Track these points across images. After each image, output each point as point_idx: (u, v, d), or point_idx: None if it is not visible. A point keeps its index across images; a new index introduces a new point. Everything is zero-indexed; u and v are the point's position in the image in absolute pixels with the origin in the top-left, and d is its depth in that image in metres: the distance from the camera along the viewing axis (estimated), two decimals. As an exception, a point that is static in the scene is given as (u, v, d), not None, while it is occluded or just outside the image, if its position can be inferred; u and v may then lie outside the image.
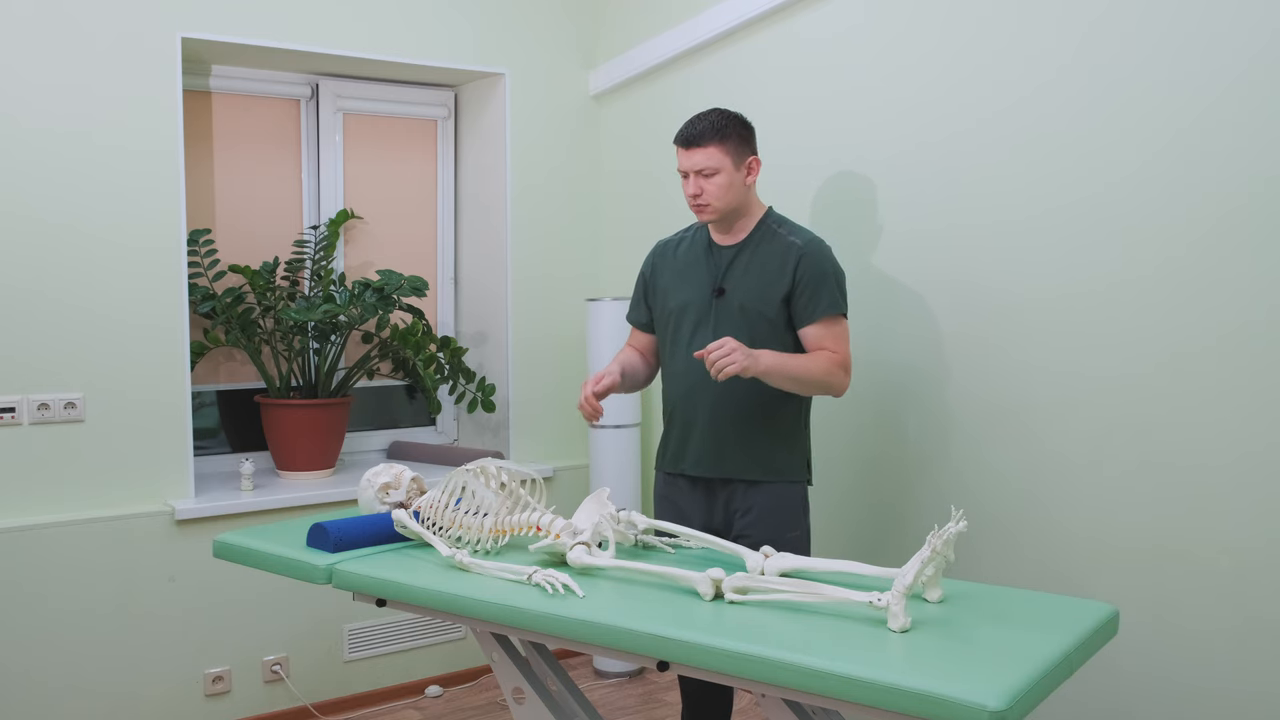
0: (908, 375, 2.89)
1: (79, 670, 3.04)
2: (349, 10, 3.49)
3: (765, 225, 2.57)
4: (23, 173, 2.97)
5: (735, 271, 2.55)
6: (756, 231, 2.57)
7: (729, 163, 2.49)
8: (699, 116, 2.53)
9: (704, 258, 2.61)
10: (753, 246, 2.55)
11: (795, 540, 2.52)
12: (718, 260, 2.58)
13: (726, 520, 2.56)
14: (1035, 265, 2.59)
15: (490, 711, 3.48)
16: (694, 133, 2.50)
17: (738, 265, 2.55)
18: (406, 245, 3.99)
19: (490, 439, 3.97)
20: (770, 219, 2.59)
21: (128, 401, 3.12)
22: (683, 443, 2.60)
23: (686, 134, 2.51)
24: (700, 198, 2.51)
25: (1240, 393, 2.24)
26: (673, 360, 2.63)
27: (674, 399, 2.63)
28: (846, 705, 1.64)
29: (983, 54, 2.69)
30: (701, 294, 2.57)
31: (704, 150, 2.48)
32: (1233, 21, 2.23)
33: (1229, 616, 2.27)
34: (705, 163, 2.48)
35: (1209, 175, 2.28)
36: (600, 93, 3.95)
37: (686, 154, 2.51)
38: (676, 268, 2.65)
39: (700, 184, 2.50)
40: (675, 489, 2.64)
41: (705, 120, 2.51)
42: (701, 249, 2.62)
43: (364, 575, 2.18)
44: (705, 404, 2.55)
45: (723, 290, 2.54)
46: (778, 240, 2.54)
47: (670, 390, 2.65)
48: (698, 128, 2.50)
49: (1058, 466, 2.56)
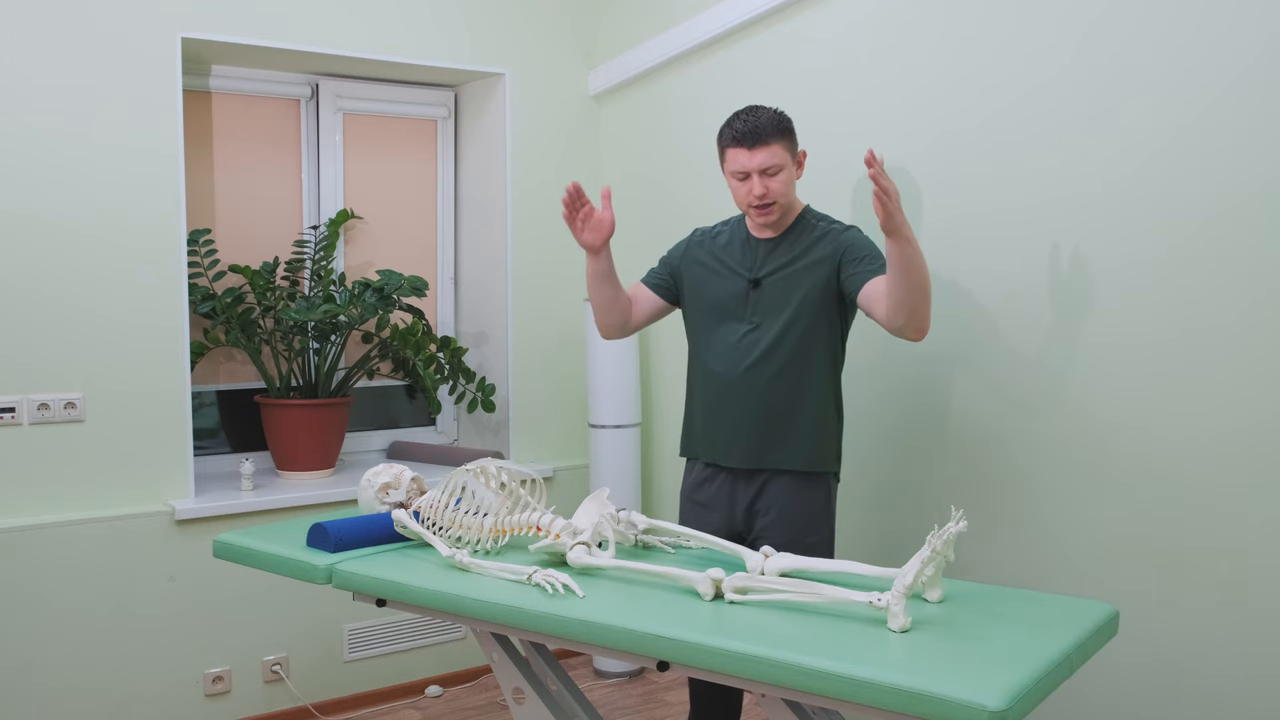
0: (908, 375, 2.89)
1: (79, 670, 3.04)
2: (349, 10, 3.49)
3: (805, 219, 2.54)
4: (23, 172, 2.97)
5: (773, 262, 2.51)
6: (797, 225, 2.53)
7: (789, 158, 2.44)
8: (751, 114, 2.43)
9: (741, 251, 2.57)
10: (792, 238, 2.51)
11: (815, 546, 2.47)
12: (754, 253, 2.55)
13: (748, 521, 2.54)
14: (1024, 263, 2.59)
15: (490, 711, 3.48)
16: (757, 130, 2.39)
17: (776, 256, 2.51)
18: (406, 245, 3.99)
19: (490, 439, 3.97)
20: (809, 214, 2.56)
21: (128, 401, 3.12)
22: (711, 432, 2.57)
23: (748, 131, 2.40)
24: (766, 197, 2.42)
25: (1242, 391, 2.24)
26: (704, 350, 2.60)
27: (704, 389, 2.60)
28: (846, 705, 1.64)
29: (984, 51, 2.69)
30: (738, 286, 2.54)
31: (769, 148, 2.40)
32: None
33: (1229, 616, 2.27)
34: (770, 160, 2.40)
35: (1227, 162, 2.28)
36: (600, 93, 3.95)
37: (749, 154, 2.40)
38: (715, 259, 2.60)
39: (766, 183, 2.41)
40: (701, 477, 2.61)
41: (763, 116, 2.41)
42: (739, 243, 2.58)
43: (364, 575, 2.18)
44: (741, 395, 2.51)
45: (758, 281, 2.51)
46: (818, 229, 2.51)
47: (701, 380, 2.61)
48: (760, 124, 2.40)
49: (1058, 466, 2.56)
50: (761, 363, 2.50)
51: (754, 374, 2.50)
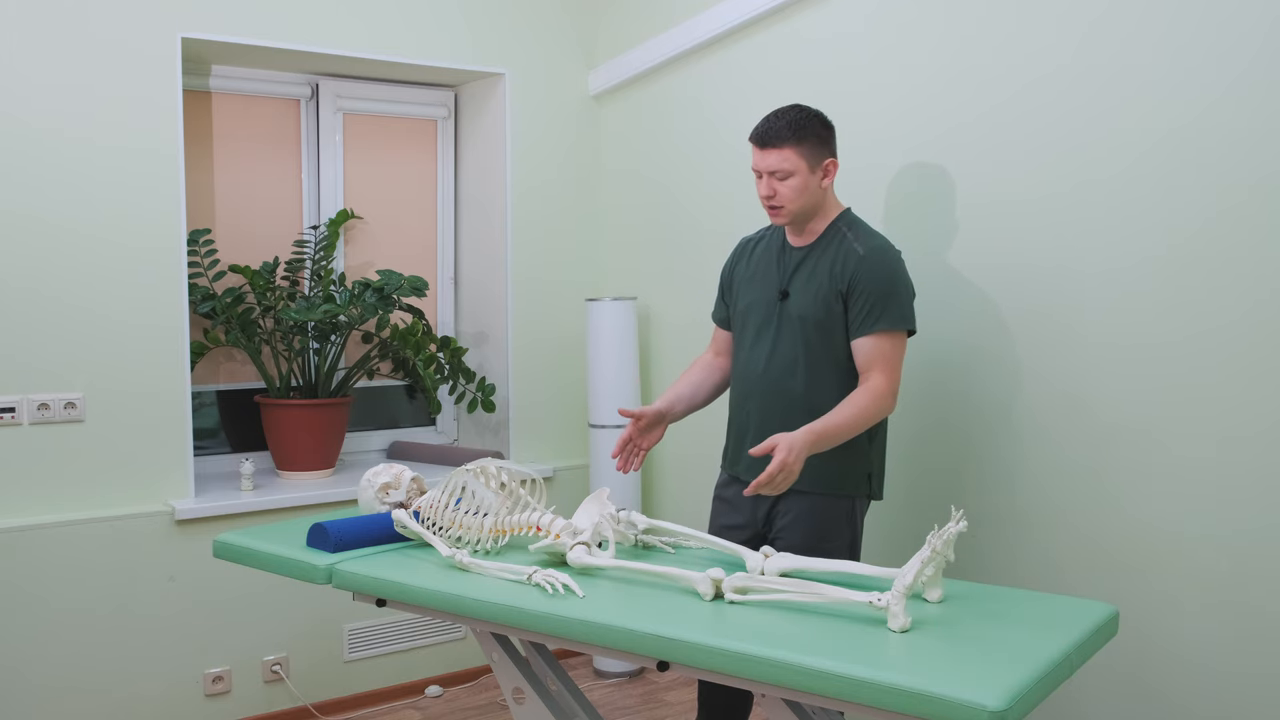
0: (906, 374, 2.89)
1: (79, 670, 3.04)
2: (349, 10, 3.49)
3: (836, 228, 2.46)
4: (23, 172, 2.97)
5: (801, 276, 2.46)
6: (826, 234, 2.47)
7: (804, 165, 2.39)
8: (777, 114, 2.41)
9: (776, 259, 2.53)
10: (820, 250, 2.46)
11: (831, 551, 2.41)
12: (787, 262, 2.50)
13: (768, 523, 2.51)
14: (1024, 263, 2.59)
15: (490, 711, 3.48)
16: (769, 132, 2.39)
17: (804, 269, 2.46)
18: (406, 245, 3.99)
19: (490, 439, 3.97)
20: (843, 221, 2.47)
21: (128, 401, 3.12)
22: (739, 445, 2.54)
23: (762, 132, 2.40)
24: (773, 199, 2.42)
25: (1245, 390, 2.24)
26: (737, 361, 2.58)
27: (735, 400, 2.59)
28: (846, 705, 1.64)
29: (984, 50, 2.69)
30: (769, 295, 2.50)
31: (779, 152, 2.38)
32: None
33: (1229, 616, 2.26)
34: (779, 165, 2.38)
35: (1234, 152, 2.28)
36: (600, 93, 3.94)
37: (760, 154, 2.40)
38: (751, 267, 2.58)
39: (773, 186, 2.40)
40: (730, 490, 2.59)
41: (782, 119, 2.39)
42: (775, 249, 2.54)
43: (364, 575, 2.18)
44: (760, 409, 2.49)
45: (787, 293, 2.47)
46: (843, 245, 2.42)
47: (733, 390, 2.60)
48: (774, 127, 2.39)
49: (1058, 466, 2.56)
50: (781, 379, 2.46)
51: (772, 389, 2.47)
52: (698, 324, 2.80)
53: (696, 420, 2.93)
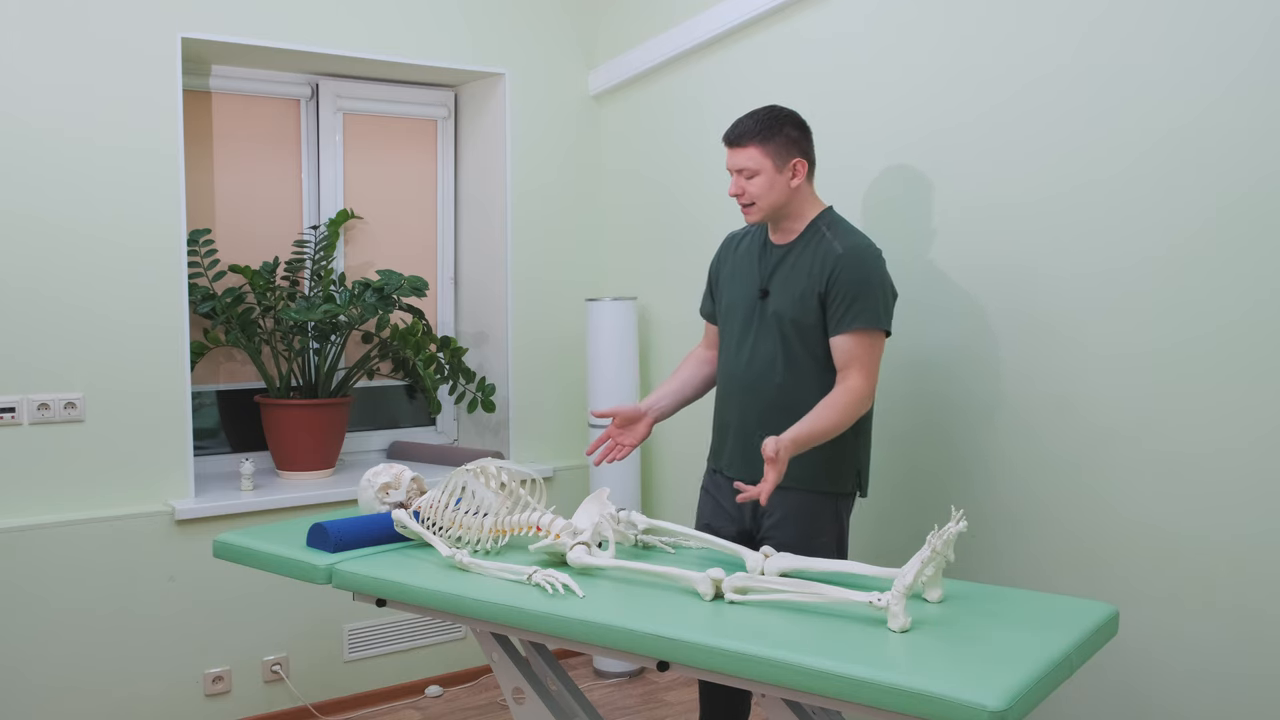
0: (904, 374, 2.89)
1: (79, 670, 3.04)
2: (349, 10, 3.49)
3: (816, 227, 2.48)
4: (23, 172, 2.97)
5: (780, 274, 2.49)
6: (806, 233, 2.49)
7: (769, 165, 2.42)
8: (749, 114, 2.47)
9: (758, 257, 2.55)
10: (799, 249, 2.48)
11: (819, 548, 2.44)
12: (768, 260, 2.53)
13: (756, 522, 2.52)
14: (1024, 262, 2.60)
15: (490, 711, 3.48)
16: (736, 133, 2.45)
17: (783, 268, 2.49)
18: (406, 245, 3.99)
19: (490, 439, 3.97)
20: (823, 220, 2.49)
21: (128, 401, 3.12)
22: (721, 442, 2.59)
23: (729, 133, 2.46)
24: (742, 197, 2.47)
25: (1246, 391, 2.24)
26: (721, 358, 2.61)
27: (718, 397, 2.61)
28: (846, 705, 1.64)
29: (984, 50, 2.69)
30: (750, 294, 2.53)
31: (744, 151, 2.43)
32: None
33: (1229, 617, 2.26)
34: (745, 164, 2.43)
35: (1235, 151, 2.27)
36: (600, 93, 3.94)
37: (730, 153, 2.46)
38: (735, 263, 2.61)
39: (741, 184, 2.45)
40: (716, 484, 2.62)
41: (751, 119, 2.45)
42: (758, 247, 2.57)
43: (364, 575, 2.18)
44: (740, 406, 2.52)
45: (767, 292, 2.50)
46: (823, 244, 2.44)
47: (718, 387, 2.63)
48: (741, 126, 2.45)
49: (1058, 465, 2.56)
50: (761, 377, 2.48)
51: (753, 388, 2.49)
52: (698, 323, 2.81)
53: (696, 420, 2.93)
